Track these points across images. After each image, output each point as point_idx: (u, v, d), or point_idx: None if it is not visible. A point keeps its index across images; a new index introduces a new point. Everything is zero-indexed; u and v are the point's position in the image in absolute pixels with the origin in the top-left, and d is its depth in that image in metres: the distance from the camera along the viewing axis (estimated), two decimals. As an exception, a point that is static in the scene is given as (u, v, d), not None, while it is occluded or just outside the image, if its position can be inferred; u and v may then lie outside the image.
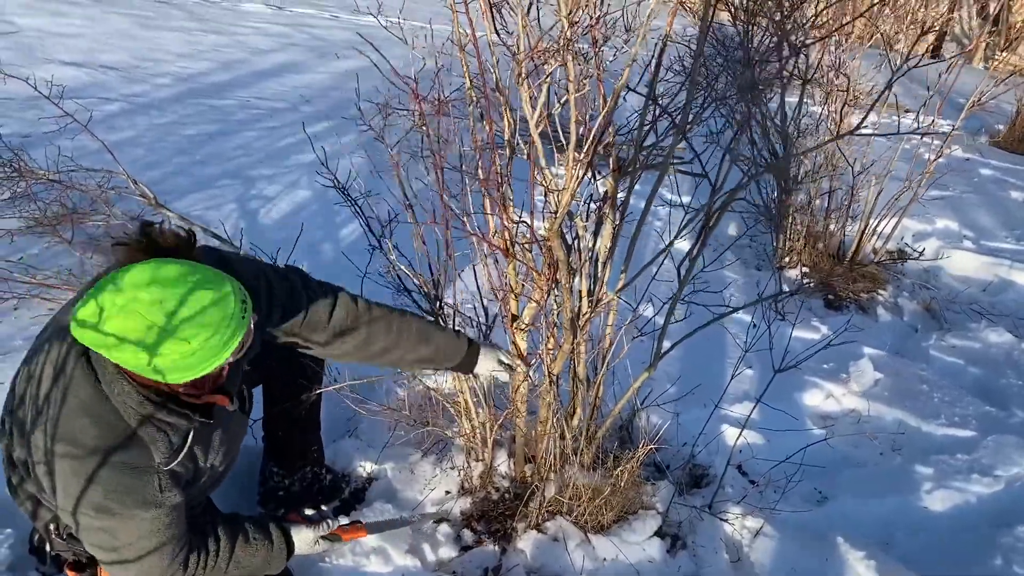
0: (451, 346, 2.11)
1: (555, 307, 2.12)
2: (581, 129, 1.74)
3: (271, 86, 6.15)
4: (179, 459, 1.57)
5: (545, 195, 1.83)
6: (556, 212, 1.79)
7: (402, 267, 2.29)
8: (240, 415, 1.87)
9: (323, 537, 1.98)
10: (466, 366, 2.16)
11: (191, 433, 1.59)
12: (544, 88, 1.66)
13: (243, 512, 1.93)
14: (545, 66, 1.63)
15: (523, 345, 2.20)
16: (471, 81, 1.94)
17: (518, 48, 1.63)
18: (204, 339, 1.36)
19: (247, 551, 1.76)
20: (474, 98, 1.97)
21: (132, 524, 1.53)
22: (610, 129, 1.85)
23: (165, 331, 1.33)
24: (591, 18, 1.61)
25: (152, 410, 1.49)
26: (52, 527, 1.75)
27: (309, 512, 2.16)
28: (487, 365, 2.18)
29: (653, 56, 1.83)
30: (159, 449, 1.52)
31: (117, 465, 1.48)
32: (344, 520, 2.12)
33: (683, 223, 2.07)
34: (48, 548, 1.90)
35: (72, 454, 1.46)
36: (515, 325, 2.16)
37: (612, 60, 1.78)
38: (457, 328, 2.33)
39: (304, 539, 1.93)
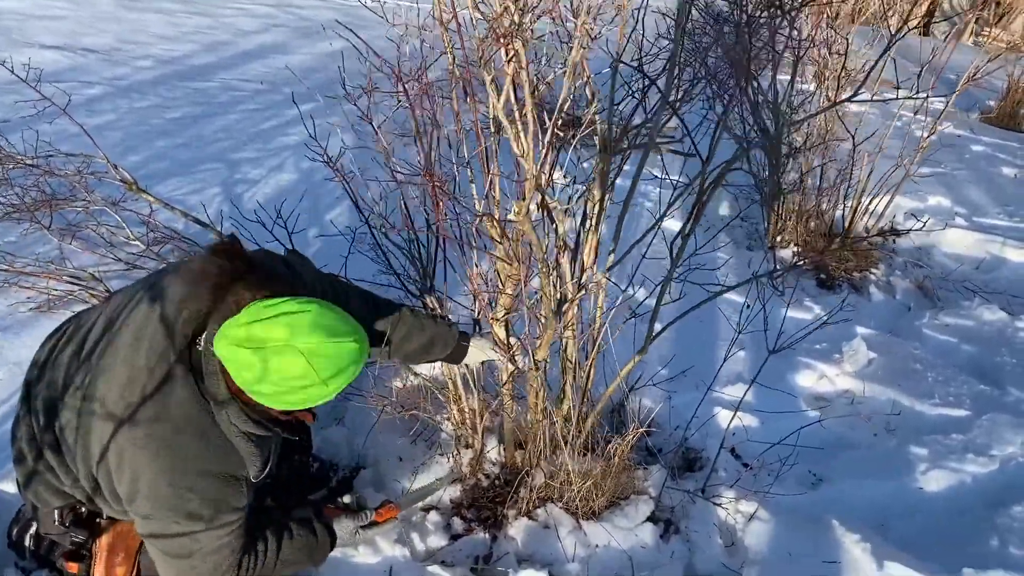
0: (443, 334, 2.13)
1: (538, 294, 2.07)
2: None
3: (255, 68, 6.05)
4: (266, 471, 1.65)
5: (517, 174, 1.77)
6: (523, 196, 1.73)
7: (391, 242, 2.26)
8: None
9: (362, 526, 2.07)
10: (457, 356, 2.18)
11: (272, 447, 1.69)
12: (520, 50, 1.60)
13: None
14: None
15: (502, 334, 2.16)
16: (454, 59, 1.89)
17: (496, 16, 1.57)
18: (339, 384, 1.49)
19: (292, 547, 1.84)
20: (457, 75, 1.91)
21: (218, 531, 1.60)
22: (595, 105, 1.79)
23: (318, 379, 1.44)
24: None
25: (252, 428, 1.58)
26: (57, 514, 1.77)
27: (347, 500, 2.18)
28: (477, 355, 2.20)
29: (630, 24, 1.77)
30: (254, 463, 1.61)
31: (218, 476, 1.57)
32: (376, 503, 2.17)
33: (672, 198, 2.02)
34: (28, 543, 1.87)
35: (172, 466, 1.53)
36: (492, 316, 2.12)
37: (596, 36, 1.72)
38: (445, 315, 2.30)
39: (345, 528, 2.03)
